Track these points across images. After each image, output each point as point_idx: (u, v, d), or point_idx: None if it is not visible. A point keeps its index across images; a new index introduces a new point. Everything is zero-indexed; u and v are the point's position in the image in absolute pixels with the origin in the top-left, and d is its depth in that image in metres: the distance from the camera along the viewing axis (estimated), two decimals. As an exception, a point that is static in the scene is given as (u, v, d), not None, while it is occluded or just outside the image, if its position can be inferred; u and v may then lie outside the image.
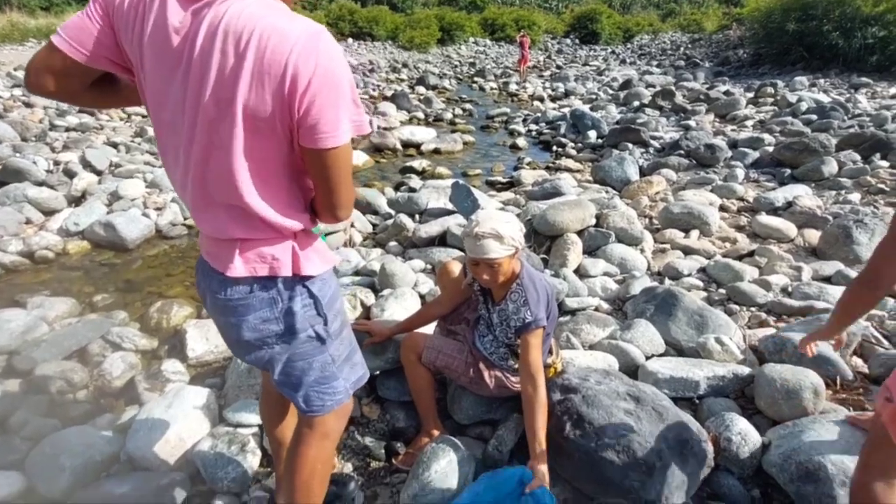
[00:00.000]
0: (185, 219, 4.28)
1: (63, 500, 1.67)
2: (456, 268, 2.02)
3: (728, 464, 1.64)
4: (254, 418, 1.87)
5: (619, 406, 1.56)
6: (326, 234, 1.26)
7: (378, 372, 2.09)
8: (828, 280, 3.04)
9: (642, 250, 3.37)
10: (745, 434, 1.62)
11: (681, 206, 3.86)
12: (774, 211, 4.28)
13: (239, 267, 1.03)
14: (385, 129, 7.49)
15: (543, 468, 1.48)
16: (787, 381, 1.75)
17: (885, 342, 2.28)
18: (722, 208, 4.43)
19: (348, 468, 1.87)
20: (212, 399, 2.01)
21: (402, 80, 13.80)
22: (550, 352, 1.89)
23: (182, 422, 1.85)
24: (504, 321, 1.71)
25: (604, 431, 1.49)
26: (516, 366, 1.76)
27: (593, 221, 3.40)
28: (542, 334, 1.66)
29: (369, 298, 2.60)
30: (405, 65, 17.05)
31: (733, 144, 6.09)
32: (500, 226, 1.55)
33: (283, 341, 1.12)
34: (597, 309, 2.70)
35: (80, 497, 1.61)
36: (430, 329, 2.11)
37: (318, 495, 1.31)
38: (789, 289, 2.82)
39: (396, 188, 5.23)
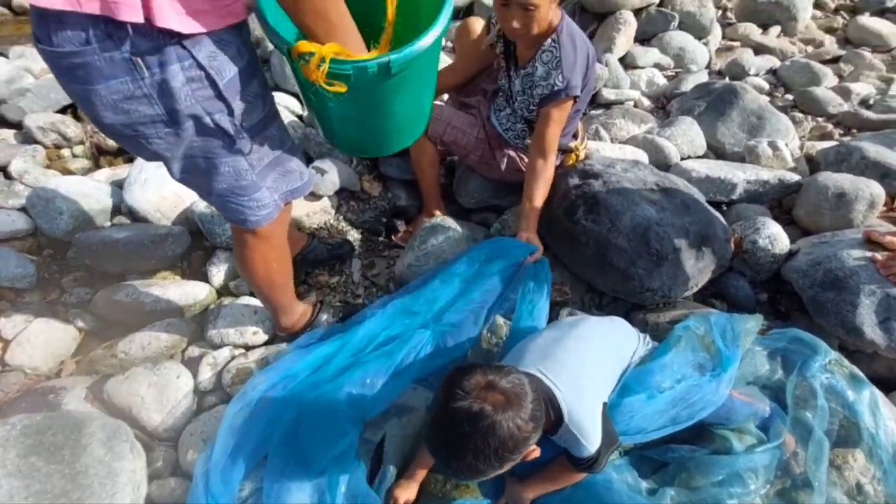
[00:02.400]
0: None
1: (65, 241, 1.70)
2: (477, 25, 1.64)
3: (743, 266, 1.54)
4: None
5: (643, 195, 1.38)
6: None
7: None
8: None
9: (706, 44, 2.81)
10: (774, 238, 1.47)
11: (768, -7, 3.10)
12: (882, 13, 3.46)
13: None
14: None
15: (536, 239, 1.43)
16: (842, 188, 1.53)
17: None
18: (816, 5, 3.59)
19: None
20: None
21: None
22: (575, 135, 1.64)
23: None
24: (528, 88, 1.43)
25: (619, 218, 1.34)
26: None
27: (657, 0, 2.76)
28: (569, 108, 1.39)
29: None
30: None
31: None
32: None
33: (168, 132, 0.79)
34: (636, 104, 2.35)
35: (79, 239, 1.62)
36: (440, 103, 1.84)
37: (281, 284, 1.24)
38: (871, 101, 2.38)
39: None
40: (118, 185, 1.90)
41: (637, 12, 2.70)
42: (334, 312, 1.47)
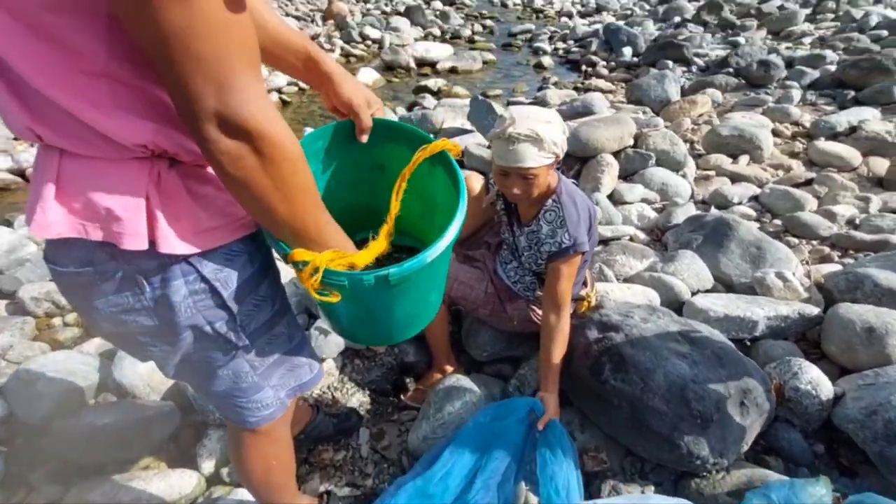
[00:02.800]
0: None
1: (43, 427, 1.54)
2: (476, 183, 1.71)
3: (790, 416, 1.41)
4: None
5: (671, 348, 1.30)
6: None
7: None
8: (898, 213, 2.68)
9: (684, 176, 2.99)
10: (816, 384, 1.37)
11: (730, 128, 3.41)
12: (834, 137, 3.79)
13: (56, 219, 0.60)
14: (398, 45, 6.85)
15: (555, 400, 1.35)
16: (869, 323, 1.47)
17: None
18: (774, 133, 3.94)
19: (352, 403, 1.69)
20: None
21: (418, -6, 12.64)
22: (585, 283, 1.62)
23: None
24: (534, 245, 1.43)
25: (651, 377, 1.24)
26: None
27: (631, 142, 3.00)
28: (578, 262, 1.38)
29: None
30: (421, -23, 15.60)
31: (789, 63, 5.40)
32: (539, 126, 1.22)
33: (164, 342, 0.76)
34: (631, 239, 2.40)
35: (58, 427, 1.47)
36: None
37: (282, 484, 1.10)
38: (857, 220, 2.46)
39: (409, 109, 4.79)
40: (108, 357, 1.80)
41: (615, 154, 2.91)
42: (342, 505, 1.28)
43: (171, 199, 0.64)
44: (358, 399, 1.71)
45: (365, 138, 0.89)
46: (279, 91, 5.23)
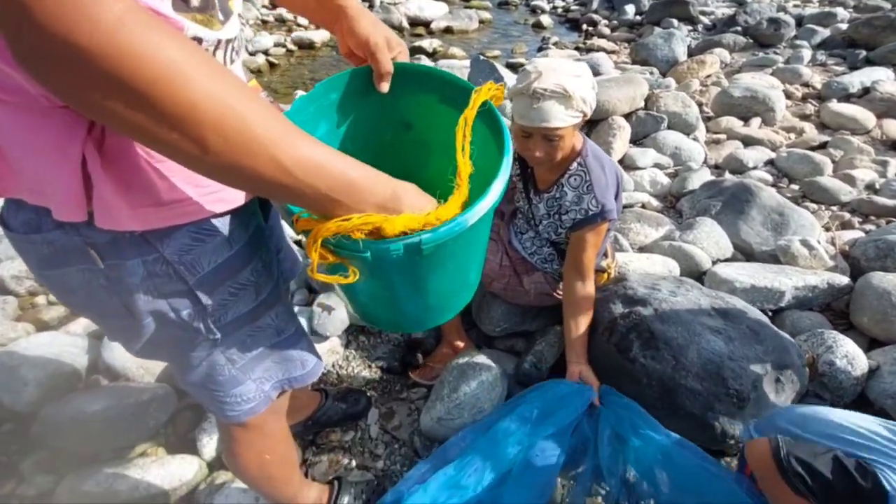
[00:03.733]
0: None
1: (31, 414, 1.44)
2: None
3: (820, 390, 1.34)
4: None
5: (703, 323, 1.22)
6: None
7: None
8: (915, 177, 2.59)
9: (696, 140, 2.87)
10: (851, 358, 1.30)
11: (742, 89, 3.27)
12: (847, 98, 3.67)
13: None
14: (389, 4, 6.50)
15: (588, 370, 1.31)
16: (905, 293, 1.40)
17: None
18: (785, 95, 3.81)
19: (359, 381, 1.61)
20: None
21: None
22: (606, 254, 1.52)
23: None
24: (554, 213, 1.32)
25: (683, 353, 1.16)
26: (562, 269, 1.41)
27: (642, 104, 2.85)
28: (604, 231, 1.28)
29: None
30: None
31: (798, 21, 5.19)
32: (568, 81, 1.08)
33: (127, 326, 0.64)
34: (644, 206, 2.30)
35: (47, 414, 1.37)
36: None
37: (283, 477, 1.01)
38: (877, 185, 2.37)
39: (405, 70, 4.57)
40: (97, 338, 1.69)
41: (626, 116, 2.76)
42: (357, 493, 1.20)
43: (117, 163, 0.49)
44: (365, 377, 1.63)
45: (385, 87, 0.73)
46: (266, 53, 4.95)
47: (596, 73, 3.50)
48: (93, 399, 1.42)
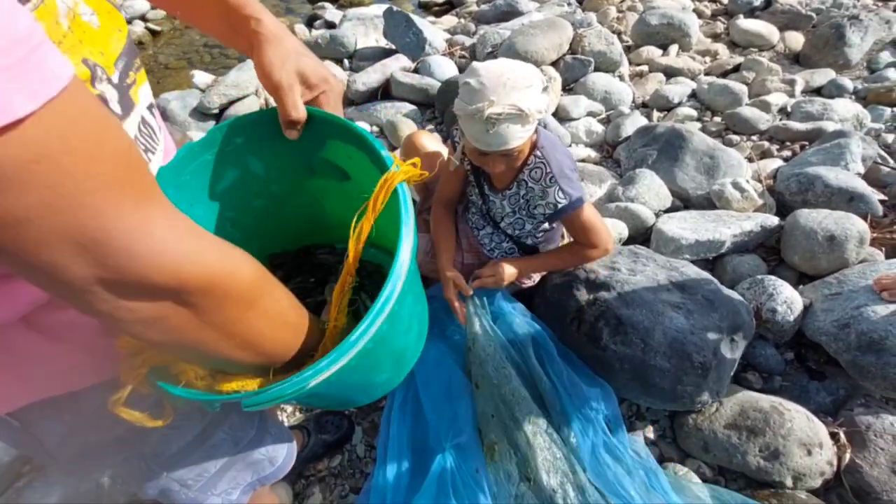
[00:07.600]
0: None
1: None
2: (428, 142, 1.48)
3: (764, 332, 1.47)
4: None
5: (664, 300, 1.27)
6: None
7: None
8: (818, 92, 2.77)
9: (621, 77, 2.86)
10: (790, 303, 1.42)
11: (658, 16, 3.25)
12: (751, 12, 3.78)
13: None
14: (275, -61, 5.72)
15: (511, 269, 1.33)
16: (829, 230, 1.52)
17: (891, 160, 2.10)
18: (696, 14, 3.85)
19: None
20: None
21: None
22: (563, 236, 1.52)
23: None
24: (523, 209, 1.28)
25: (650, 336, 1.22)
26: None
27: (568, 47, 2.78)
28: (591, 208, 1.26)
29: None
30: None
31: (700, -72, 5.15)
32: (520, 98, 1.00)
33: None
34: (584, 160, 2.31)
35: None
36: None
37: None
38: (788, 108, 2.51)
39: (309, 24, 4.13)
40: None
41: (554, 64, 2.69)
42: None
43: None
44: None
45: (293, 135, 0.59)
46: (143, 19, 4.27)
47: (515, 12, 3.34)
48: (46, 489, 1.29)
